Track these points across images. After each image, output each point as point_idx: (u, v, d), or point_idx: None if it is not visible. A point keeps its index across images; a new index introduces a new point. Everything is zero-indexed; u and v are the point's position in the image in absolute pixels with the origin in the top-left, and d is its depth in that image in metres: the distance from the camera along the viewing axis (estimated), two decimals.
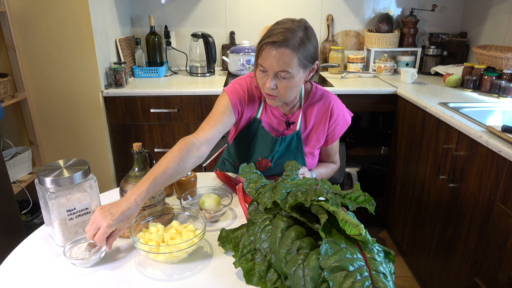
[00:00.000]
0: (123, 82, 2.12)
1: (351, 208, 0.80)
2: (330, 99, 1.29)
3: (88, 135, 2.14)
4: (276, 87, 1.14)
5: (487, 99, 1.87)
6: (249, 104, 1.28)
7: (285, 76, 1.11)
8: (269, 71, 1.12)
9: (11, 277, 0.84)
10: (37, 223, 2.10)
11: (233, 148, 1.39)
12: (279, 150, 1.29)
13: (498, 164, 1.29)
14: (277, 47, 1.07)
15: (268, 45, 1.08)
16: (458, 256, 1.54)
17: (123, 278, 0.83)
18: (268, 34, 1.10)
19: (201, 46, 2.42)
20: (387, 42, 2.48)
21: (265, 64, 1.11)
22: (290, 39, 1.07)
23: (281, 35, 1.07)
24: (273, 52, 1.08)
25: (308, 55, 1.12)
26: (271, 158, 1.31)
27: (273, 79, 1.12)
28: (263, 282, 0.78)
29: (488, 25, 2.32)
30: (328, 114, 1.28)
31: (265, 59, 1.10)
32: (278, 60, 1.08)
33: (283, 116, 1.29)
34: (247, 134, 1.32)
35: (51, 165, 0.93)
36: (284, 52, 1.07)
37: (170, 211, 1.03)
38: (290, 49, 1.07)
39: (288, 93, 1.15)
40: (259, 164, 1.33)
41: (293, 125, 1.29)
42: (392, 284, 0.69)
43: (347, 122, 1.32)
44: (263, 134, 1.29)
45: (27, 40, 1.96)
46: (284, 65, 1.08)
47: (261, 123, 1.29)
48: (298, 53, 1.08)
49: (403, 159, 2.08)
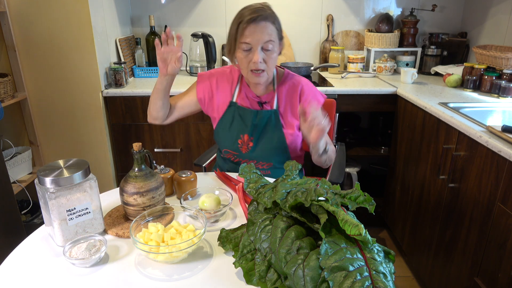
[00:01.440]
0: (123, 82, 2.12)
1: (351, 208, 0.80)
2: (300, 80, 1.40)
3: (88, 135, 2.14)
4: (263, 60, 1.24)
5: (487, 99, 1.87)
6: (220, 89, 1.41)
7: (269, 47, 1.22)
8: (253, 46, 1.22)
9: (11, 277, 0.84)
10: (37, 223, 2.10)
11: (218, 136, 1.44)
12: (257, 126, 1.36)
13: (498, 164, 1.29)
14: (257, 22, 1.19)
15: (248, 22, 1.19)
16: (458, 256, 1.54)
17: (123, 278, 0.83)
18: (243, 15, 1.20)
19: (201, 46, 2.42)
20: (387, 42, 2.48)
21: (250, 39, 1.21)
22: (265, 14, 1.20)
23: (255, 12, 1.21)
24: (255, 27, 1.19)
25: (280, 26, 1.27)
26: (252, 135, 1.37)
27: (260, 52, 1.22)
28: (263, 282, 0.78)
29: (488, 25, 2.32)
30: (298, 92, 1.38)
31: (248, 35, 1.20)
32: (262, 33, 1.20)
33: (256, 98, 1.39)
34: (227, 119, 1.40)
35: (51, 165, 0.93)
36: (265, 25, 1.20)
37: (170, 211, 1.03)
38: (269, 21, 1.21)
39: (273, 64, 1.28)
40: (241, 143, 1.39)
41: (265, 104, 1.38)
42: (392, 284, 0.69)
43: (319, 101, 1.40)
44: (240, 111, 1.39)
45: (27, 40, 1.96)
46: (268, 35, 1.21)
47: (237, 104, 1.39)
48: (275, 24, 1.23)
49: (403, 159, 2.08)
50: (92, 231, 0.97)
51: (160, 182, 1.04)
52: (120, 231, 0.98)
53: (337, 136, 1.99)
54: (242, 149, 1.40)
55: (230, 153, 1.43)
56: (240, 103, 1.39)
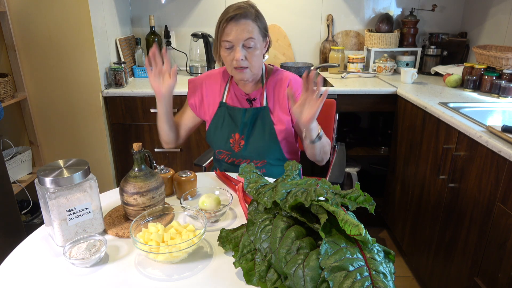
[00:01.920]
0: (123, 82, 2.12)
1: (351, 208, 0.80)
2: (288, 75, 1.40)
3: (88, 135, 2.14)
4: (245, 58, 1.25)
5: (487, 99, 1.87)
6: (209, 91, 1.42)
7: (250, 44, 1.23)
8: (235, 44, 1.23)
9: (11, 277, 0.84)
10: (37, 223, 2.10)
11: (210, 137, 1.45)
12: (247, 124, 1.36)
13: (498, 164, 1.29)
14: (237, 19, 1.21)
15: (229, 21, 1.21)
16: (458, 256, 1.54)
17: (123, 278, 0.83)
18: (224, 14, 1.22)
19: (201, 46, 2.42)
20: (387, 42, 2.48)
21: (230, 37, 1.22)
22: (246, 12, 1.21)
23: (237, 10, 1.21)
24: (235, 25, 1.21)
25: (264, 25, 1.28)
26: (242, 133, 1.37)
27: (241, 50, 1.23)
28: (263, 282, 0.78)
29: (488, 25, 2.32)
30: (285, 87, 1.38)
31: (229, 34, 1.22)
32: (242, 30, 1.21)
33: (245, 95, 1.39)
34: (218, 119, 1.41)
35: (51, 165, 0.93)
36: (245, 23, 1.21)
37: (170, 211, 1.03)
38: (249, 19, 1.22)
39: (256, 61, 1.27)
40: (233, 142, 1.39)
41: (254, 101, 1.38)
42: (392, 284, 0.69)
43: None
44: (230, 111, 1.39)
45: (27, 40, 1.96)
46: (248, 33, 1.22)
47: (227, 104, 1.40)
48: (257, 22, 1.24)
49: (403, 159, 2.08)
50: (92, 231, 0.97)
51: (160, 182, 1.04)
52: (120, 231, 0.98)
53: (337, 136, 1.99)
54: (235, 148, 1.40)
55: (224, 153, 1.43)
56: (230, 103, 1.40)
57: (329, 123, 1.72)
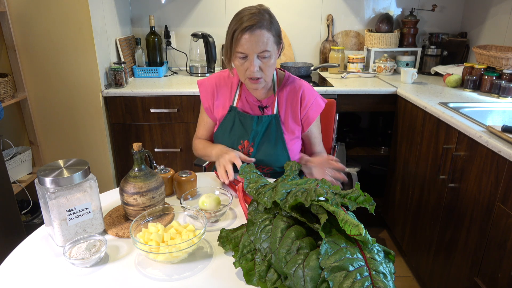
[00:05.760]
0: (123, 82, 2.12)
1: (351, 208, 0.80)
2: (301, 84, 1.38)
3: (88, 135, 2.14)
4: (259, 68, 1.22)
5: (487, 99, 1.87)
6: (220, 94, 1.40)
7: (265, 55, 1.20)
8: (249, 55, 1.20)
9: (11, 277, 0.84)
10: (37, 223, 2.10)
11: (217, 140, 1.44)
12: (258, 132, 1.34)
13: (498, 164, 1.29)
14: (252, 30, 1.16)
15: (243, 31, 1.16)
16: (458, 256, 1.54)
17: (123, 278, 0.83)
18: (239, 23, 1.17)
19: (201, 46, 2.42)
20: (387, 42, 2.48)
21: (244, 49, 1.18)
22: (261, 21, 1.16)
23: (251, 19, 1.15)
24: (250, 36, 1.16)
25: (278, 31, 1.23)
26: (252, 141, 1.36)
27: (255, 60, 1.20)
28: (263, 282, 0.78)
29: (488, 25, 2.32)
30: (299, 97, 1.36)
31: (243, 44, 1.18)
32: (257, 42, 1.17)
33: (256, 102, 1.37)
34: (227, 124, 1.39)
35: (51, 165, 0.93)
36: (260, 33, 1.16)
37: (170, 211, 1.03)
38: (265, 29, 1.17)
39: (270, 72, 1.25)
40: (242, 148, 1.38)
41: (266, 109, 1.37)
42: (392, 284, 0.69)
43: (320, 106, 1.39)
44: (241, 117, 1.37)
45: (27, 40, 1.96)
46: (263, 45, 1.18)
47: (237, 109, 1.37)
48: (271, 31, 1.19)
49: (403, 159, 2.08)
50: (92, 231, 0.97)
51: (160, 182, 1.04)
52: (120, 231, 0.98)
53: (337, 136, 1.99)
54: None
55: None
56: (241, 108, 1.38)
57: (329, 123, 1.72)
